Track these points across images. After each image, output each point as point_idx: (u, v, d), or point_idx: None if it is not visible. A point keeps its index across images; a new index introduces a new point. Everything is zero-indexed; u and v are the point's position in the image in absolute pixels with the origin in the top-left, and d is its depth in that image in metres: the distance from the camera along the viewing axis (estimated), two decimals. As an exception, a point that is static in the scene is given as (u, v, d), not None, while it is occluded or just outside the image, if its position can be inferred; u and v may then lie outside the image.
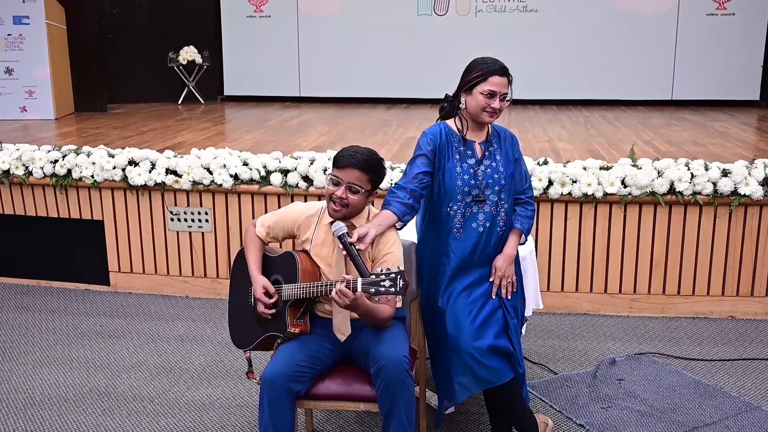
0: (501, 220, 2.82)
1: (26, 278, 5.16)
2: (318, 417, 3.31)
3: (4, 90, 7.30)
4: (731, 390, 3.55)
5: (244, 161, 4.71)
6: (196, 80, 9.05)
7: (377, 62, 8.92)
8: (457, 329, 2.74)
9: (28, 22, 7.18)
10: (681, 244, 4.41)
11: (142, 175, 4.71)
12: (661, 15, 8.44)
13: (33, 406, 3.44)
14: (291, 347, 2.66)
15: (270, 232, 2.86)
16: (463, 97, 2.76)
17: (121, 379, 3.72)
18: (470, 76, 2.73)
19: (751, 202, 4.28)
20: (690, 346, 4.07)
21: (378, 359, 2.54)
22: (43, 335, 4.28)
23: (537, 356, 3.92)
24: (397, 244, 2.70)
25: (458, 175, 2.75)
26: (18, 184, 5.00)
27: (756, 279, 4.42)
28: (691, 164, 4.37)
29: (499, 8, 8.73)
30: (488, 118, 2.75)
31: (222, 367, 3.86)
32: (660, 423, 3.23)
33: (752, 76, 8.36)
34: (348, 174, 2.65)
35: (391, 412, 2.53)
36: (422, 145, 2.79)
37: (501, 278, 2.82)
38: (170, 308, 4.71)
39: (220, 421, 3.30)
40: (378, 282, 2.40)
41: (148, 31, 8.97)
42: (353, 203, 2.67)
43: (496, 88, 2.70)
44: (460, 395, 2.75)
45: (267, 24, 9.10)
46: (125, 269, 4.99)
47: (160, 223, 4.85)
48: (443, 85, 3.21)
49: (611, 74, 8.47)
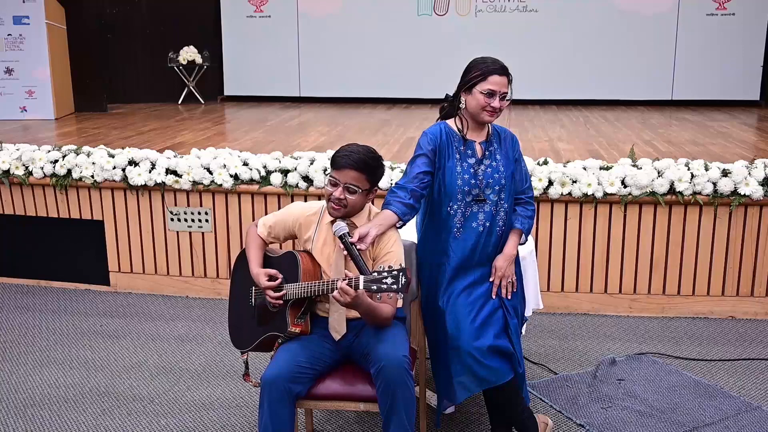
0: (501, 220, 2.82)
1: (26, 278, 5.16)
2: (318, 417, 3.31)
3: (4, 90, 7.30)
4: (731, 390, 3.55)
5: (244, 161, 4.71)
6: (196, 80, 9.06)
7: (377, 62, 8.92)
8: (457, 329, 2.74)
9: (28, 22, 7.18)
10: (681, 244, 4.41)
11: (142, 175, 4.71)
12: (661, 15, 8.44)
13: (33, 406, 3.44)
14: (291, 348, 2.66)
15: (271, 232, 2.86)
16: (463, 96, 2.76)
17: (121, 379, 3.72)
18: (470, 75, 2.73)
19: (751, 202, 4.28)
20: (690, 346, 4.07)
21: (378, 359, 2.54)
22: (43, 335, 4.28)
23: (537, 356, 3.92)
24: (398, 243, 2.71)
25: (458, 175, 2.75)
26: (18, 184, 5.00)
27: (756, 279, 4.42)
28: (691, 164, 4.37)
29: (499, 8, 8.73)
30: (488, 118, 2.75)
31: (222, 367, 3.86)
32: (660, 423, 3.23)
33: (752, 76, 8.36)
34: (345, 175, 2.65)
35: (391, 412, 2.53)
36: (423, 144, 2.79)
37: (501, 278, 2.83)
38: (170, 308, 4.71)
39: (220, 421, 3.30)
40: (380, 279, 2.40)
41: (148, 31, 8.97)
42: (352, 203, 2.67)
43: (496, 87, 2.70)
44: (460, 395, 2.75)
45: (267, 24, 9.10)
46: (125, 269, 4.99)
47: (160, 223, 4.85)
48: (443, 85, 3.21)
49: (611, 74, 8.47)
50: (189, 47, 8.84)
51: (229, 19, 9.18)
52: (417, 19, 8.90)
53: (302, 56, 9.10)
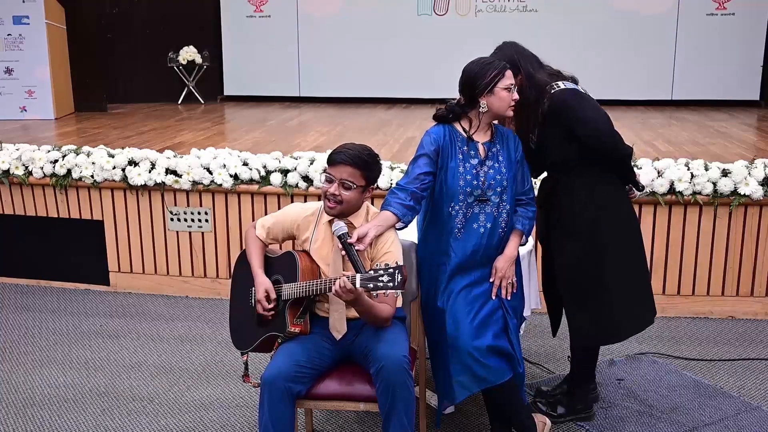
0: (502, 221, 2.82)
1: (26, 278, 5.16)
2: (318, 417, 3.31)
3: (4, 90, 7.30)
4: (731, 390, 3.55)
5: (244, 161, 4.71)
6: (196, 80, 9.06)
7: (377, 62, 8.92)
8: (456, 329, 2.74)
9: (28, 22, 7.18)
10: (681, 244, 4.41)
11: (142, 175, 4.71)
12: (661, 15, 8.44)
13: (33, 406, 3.44)
14: (291, 348, 2.67)
15: (270, 234, 2.87)
16: (484, 100, 2.74)
17: (121, 379, 3.72)
18: (487, 77, 2.71)
19: (751, 202, 4.28)
20: (690, 346, 4.07)
21: (378, 359, 2.54)
22: (43, 335, 4.28)
23: (536, 356, 3.92)
24: (396, 243, 2.71)
25: (461, 175, 2.75)
26: (18, 184, 5.00)
27: (756, 279, 4.42)
28: (691, 164, 4.37)
29: (499, 8, 8.73)
30: (512, 112, 2.79)
31: (222, 367, 3.86)
32: (660, 423, 3.23)
33: (752, 76, 8.36)
34: (340, 170, 2.66)
35: (391, 412, 2.54)
36: (425, 144, 2.79)
37: (501, 279, 2.83)
38: (170, 308, 4.71)
39: (220, 421, 3.30)
40: (376, 277, 2.40)
41: (148, 31, 8.97)
42: (347, 199, 2.68)
43: (512, 80, 2.75)
44: (459, 394, 2.75)
45: (267, 24, 9.10)
46: (125, 269, 4.99)
47: (160, 223, 4.86)
48: (443, 85, 3.22)
49: (611, 74, 8.46)
50: (189, 47, 8.84)
51: (229, 19, 9.18)
52: (417, 19, 8.89)
53: (302, 56, 9.10)
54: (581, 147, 2.88)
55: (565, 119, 2.86)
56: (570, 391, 3.28)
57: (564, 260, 3.02)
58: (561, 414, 3.23)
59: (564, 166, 2.95)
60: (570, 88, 2.91)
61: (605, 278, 2.95)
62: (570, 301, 3.06)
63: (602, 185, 2.95)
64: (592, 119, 2.86)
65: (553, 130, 2.89)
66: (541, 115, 2.90)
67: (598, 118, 2.88)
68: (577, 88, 2.94)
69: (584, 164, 2.91)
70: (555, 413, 3.22)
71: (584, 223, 2.94)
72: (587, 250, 2.94)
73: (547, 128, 2.91)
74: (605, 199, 2.95)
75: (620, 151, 2.93)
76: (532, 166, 3.02)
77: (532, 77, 2.91)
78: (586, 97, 2.92)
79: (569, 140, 2.88)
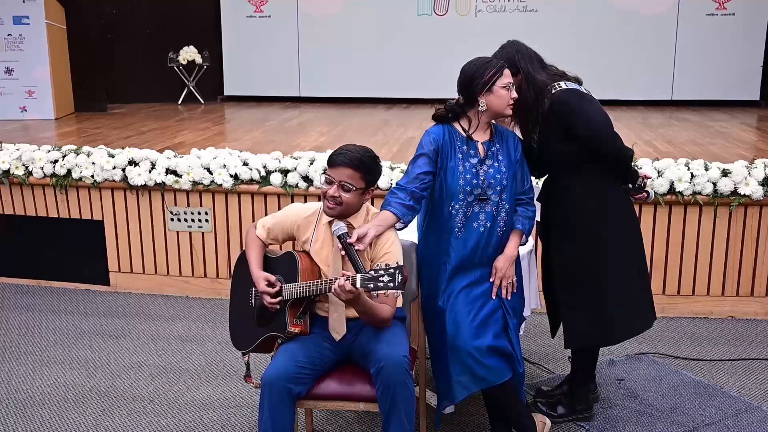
0: (502, 220, 2.82)
1: (26, 278, 5.17)
2: (318, 417, 3.31)
3: (4, 90, 7.30)
4: (731, 390, 3.55)
5: (244, 161, 4.71)
6: (196, 80, 9.05)
7: (377, 62, 8.91)
8: (456, 329, 2.74)
9: (28, 22, 7.18)
10: (681, 244, 4.41)
11: (142, 175, 4.71)
12: (661, 15, 8.44)
13: (33, 406, 3.44)
14: (291, 348, 2.67)
15: (270, 234, 2.87)
16: (483, 99, 2.74)
17: (121, 379, 3.72)
18: (485, 76, 2.71)
19: (751, 202, 4.28)
20: (690, 346, 4.07)
21: (378, 359, 2.54)
22: (43, 335, 4.29)
23: (536, 356, 3.92)
24: (396, 243, 2.71)
25: (460, 175, 2.75)
26: (18, 184, 5.00)
27: (756, 279, 4.42)
28: (691, 164, 4.37)
29: (499, 8, 8.73)
30: (510, 111, 2.79)
31: (222, 367, 3.86)
32: (660, 423, 3.23)
33: (752, 76, 8.35)
34: (340, 172, 2.66)
35: (391, 412, 2.54)
36: (425, 143, 2.79)
37: (501, 279, 2.83)
38: (170, 308, 4.71)
39: (220, 421, 3.30)
40: (376, 278, 2.40)
41: (148, 31, 8.97)
42: (346, 201, 2.68)
43: (510, 79, 2.75)
44: (459, 394, 2.76)
45: (267, 24, 9.10)
46: (125, 269, 4.99)
47: (160, 223, 4.86)
48: (443, 85, 3.22)
49: (611, 74, 8.45)
50: (189, 47, 8.84)
51: (229, 19, 9.18)
52: (417, 19, 8.89)
53: (302, 56, 9.10)
54: (581, 147, 2.87)
55: (565, 119, 2.86)
56: (570, 391, 3.28)
57: (562, 259, 3.02)
58: (561, 414, 3.23)
59: (564, 166, 2.95)
60: (571, 88, 2.90)
61: (603, 279, 2.95)
62: (566, 301, 3.05)
63: (602, 186, 2.95)
64: (592, 120, 2.86)
65: (554, 130, 2.89)
66: (542, 114, 2.90)
67: (598, 119, 2.88)
68: (579, 88, 2.94)
69: (584, 164, 2.91)
70: (555, 413, 3.22)
71: (583, 223, 2.94)
72: (586, 250, 2.94)
73: (548, 128, 2.90)
74: (605, 200, 2.95)
75: (620, 153, 2.93)
76: (536, 167, 3.02)
77: (531, 76, 2.91)
78: (587, 98, 2.92)
79: (569, 140, 2.88)
